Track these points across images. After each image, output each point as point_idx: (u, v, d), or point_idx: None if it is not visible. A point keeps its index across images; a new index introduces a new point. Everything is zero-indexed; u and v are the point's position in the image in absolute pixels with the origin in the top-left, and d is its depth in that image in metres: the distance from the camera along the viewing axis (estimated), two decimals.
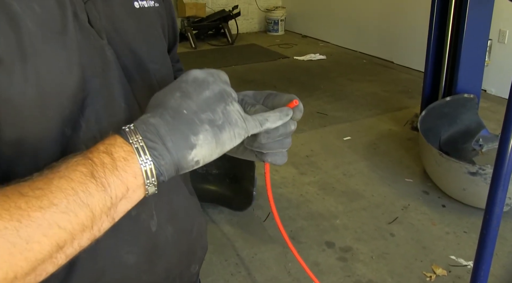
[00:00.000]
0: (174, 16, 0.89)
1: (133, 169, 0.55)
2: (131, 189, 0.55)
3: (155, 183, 0.56)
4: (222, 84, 0.60)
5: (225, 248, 2.66)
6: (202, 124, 0.57)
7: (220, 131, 0.58)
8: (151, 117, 0.57)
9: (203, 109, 0.58)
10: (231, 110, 0.60)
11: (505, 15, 4.48)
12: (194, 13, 7.56)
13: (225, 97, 0.60)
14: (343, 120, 4.42)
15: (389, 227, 2.82)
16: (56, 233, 0.50)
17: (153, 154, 0.55)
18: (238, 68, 6.22)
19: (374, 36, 6.61)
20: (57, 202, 0.50)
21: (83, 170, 0.52)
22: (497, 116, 4.30)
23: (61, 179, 0.51)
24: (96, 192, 0.52)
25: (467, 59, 3.53)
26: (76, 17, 0.63)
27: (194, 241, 0.85)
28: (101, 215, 0.53)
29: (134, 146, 0.55)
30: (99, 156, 0.54)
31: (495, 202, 1.35)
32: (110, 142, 0.56)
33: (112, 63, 0.68)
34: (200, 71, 0.60)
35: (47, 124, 0.61)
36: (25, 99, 0.58)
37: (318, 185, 3.29)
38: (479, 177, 2.69)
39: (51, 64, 0.60)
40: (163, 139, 0.55)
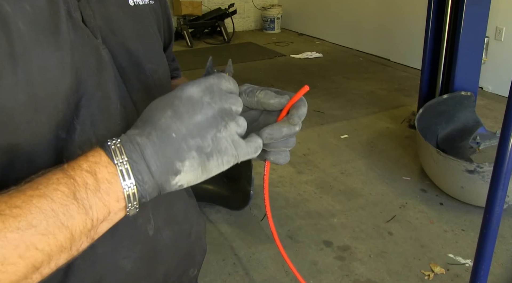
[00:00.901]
0: (169, 14, 0.87)
1: (116, 193, 0.53)
2: (112, 212, 0.54)
3: (136, 206, 0.54)
4: (220, 103, 0.57)
5: (222, 248, 2.65)
6: (189, 151, 0.55)
7: (207, 159, 0.56)
8: (138, 135, 0.55)
9: (193, 134, 0.55)
10: (222, 137, 0.56)
11: (501, 12, 4.48)
12: (190, 11, 7.54)
13: (218, 121, 0.56)
14: (340, 118, 4.41)
15: (387, 225, 2.81)
16: (33, 255, 0.48)
17: (137, 178, 0.53)
18: (234, 67, 6.09)
19: (370, 34, 6.60)
20: (36, 224, 0.48)
21: (65, 190, 0.50)
22: (494, 113, 4.30)
23: (41, 199, 0.49)
24: (77, 215, 0.50)
25: (464, 56, 3.52)
26: (69, 16, 0.62)
27: (193, 244, 0.84)
28: (81, 237, 0.52)
29: (119, 168, 0.53)
30: (82, 175, 0.52)
31: (495, 201, 1.34)
32: (94, 160, 0.53)
33: (107, 63, 0.66)
34: (197, 89, 0.57)
35: (41, 128, 0.59)
36: (16, 103, 0.56)
37: (316, 183, 3.28)
38: (477, 175, 2.69)
39: (43, 66, 0.58)
40: (148, 162, 0.53)
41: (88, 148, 0.63)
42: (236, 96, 0.59)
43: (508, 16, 4.57)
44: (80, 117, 0.62)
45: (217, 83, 0.58)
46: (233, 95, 0.59)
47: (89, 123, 0.63)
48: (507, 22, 4.66)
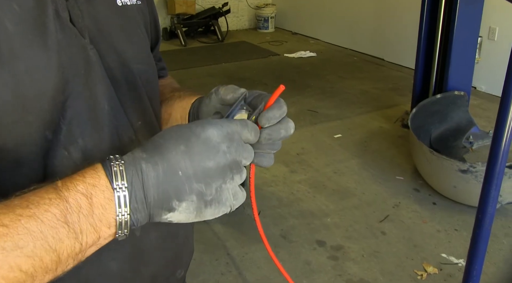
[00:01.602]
0: (155, 14, 0.87)
1: (108, 220, 0.52)
2: (102, 237, 0.53)
3: (126, 233, 0.54)
4: (235, 154, 0.56)
5: (215, 247, 2.64)
6: (190, 194, 0.54)
7: (205, 206, 0.55)
8: (145, 161, 0.53)
9: (199, 178, 0.54)
10: (226, 189, 0.56)
11: (495, 12, 4.49)
12: (184, 10, 7.52)
13: (227, 173, 0.55)
14: (334, 118, 4.41)
15: (380, 225, 2.81)
16: (16, 276, 0.47)
17: (133, 206, 0.52)
18: (228, 66, 6.19)
19: (364, 34, 6.61)
20: (23, 245, 0.47)
21: (56, 212, 0.49)
22: (487, 113, 4.31)
23: (30, 219, 0.48)
24: (66, 239, 0.49)
25: (458, 56, 3.53)
26: (57, 16, 0.61)
27: (180, 245, 0.83)
28: (68, 259, 0.51)
29: (116, 193, 0.51)
30: (76, 198, 0.50)
31: (488, 200, 1.34)
32: (92, 182, 0.52)
33: (95, 63, 0.65)
34: (217, 133, 0.55)
35: (28, 128, 0.58)
36: (3, 103, 0.55)
37: (309, 183, 3.28)
38: (470, 174, 2.69)
39: (31, 66, 0.57)
40: (146, 192, 0.52)
41: (74, 149, 0.62)
42: (250, 148, 0.59)
43: (501, 16, 4.59)
44: (67, 118, 0.61)
45: (239, 131, 0.57)
46: (249, 148, 0.59)
47: (75, 124, 0.62)
48: (500, 22, 4.67)
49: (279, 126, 0.63)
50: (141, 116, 0.73)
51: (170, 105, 0.86)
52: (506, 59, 1.26)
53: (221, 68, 6.12)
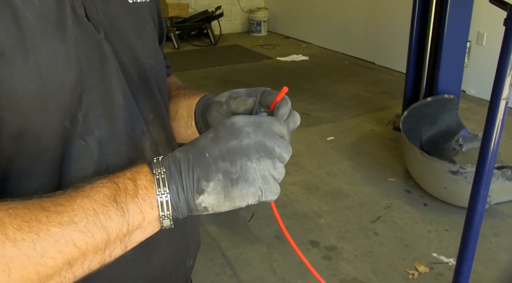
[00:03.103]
0: (160, 12, 0.90)
1: (151, 199, 0.57)
2: (146, 219, 0.57)
3: (169, 216, 0.57)
4: (261, 137, 0.59)
5: (210, 248, 2.67)
6: (216, 173, 0.57)
7: (231, 185, 0.57)
8: (178, 151, 0.59)
9: (224, 157, 0.57)
10: (251, 168, 0.57)
11: (483, 18, 4.57)
12: (177, 13, 7.55)
13: (252, 152, 0.58)
14: (327, 121, 4.46)
15: (372, 226, 2.86)
16: (71, 251, 0.51)
17: (171, 188, 0.57)
18: (221, 69, 6.23)
19: (356, 38, 6.68)
20: (77, 221, 0.51)
21: (107, 192, 0.54)
22: (476, 116, 4.38)
23: (84, 198, 0.53)
24: (115, 216, 0.54)
25: (447, 60, 3.60)
26: (74, 12, 0.63)
27: (188, 235, 0.86)
28: (116, 240, 0.55)
29: (156, 177, 0.57)
30: (124, 182, 0.56)
31: (477, 199, 1.39)
32: (137, 169, 0.58)
33: (110, 58, 0.68)
34: (243, 119, 0.59)
35: (48, 117, 0.61)
36: (27, 92, 0.58)
37: (302, 185, 3.32)
38: (459, 176, 2.75)
39: (51, 58, 0.60)
40: (181, 175, 0.57)
41: (91, 140, 0.66)
42: (286, 142, 0.61)
43: (489, 21, 4.66)
44: (84, 109, 0.64)
45: (269, 123, 0.60)
46: (282, 140, 0.61)
47: (92, 115, 0.65)
48: (488, 27, 4.75)
49: (288, 121, 0.68)
50: (152, 109, 0.76)
51: (176, 102, 0.90)
52: (494, 64, 1.31)
53: (214, 71, 6.16)
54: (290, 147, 0.61)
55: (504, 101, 1.27)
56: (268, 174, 0.59)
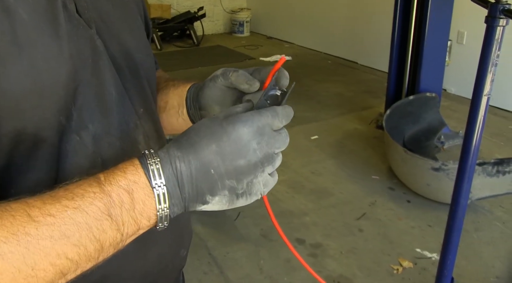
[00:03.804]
0: (146, 9, 0.91)
1: (148, 214, 0.56)
2: (141, 229, 0.57)
3: (166, 225, 0.58)
4: (266, 148, 0.59)
5: (197, 247, 2.68)
6: (222, 190, 0.57)
7: (237, 198, 0.58)
8: (179, 159, 0.56)
9: (230, 176, 0.57)
10: (257, 182, 0.59)
11: (463, 17, 4.64)
12: (159, 14, 7.53)
13: (258, 168, 0.58)
14: (310, 120, 4.49)
15: (357, 223, 2.89)
16: (63, 263, 0.51)
17: (171, 203, 0.56)
18: (204, 70, 6.22)
19: (338, 37, 6.73)
20: (70, 235, 0.50)
21: (100, 206, 0.53)
22: (457, 114, 4.45)
23: (76, 211, 0.51)
24: (109, 230, 0.53)
25: (429, 59, 3.65)
26: (65, 8, 0.64)
27: (182, 226, 0.88)
28: (109, 248, 0.55)
29: (156, 193, 0.55)
30: (119, 193, 0.54)
31: (460, 195, 1.43)
32: (133, 178, 0.55)
33: (102, 53, 0.68)
34: (248, 130, 0.57)
35: (45, 114, 0.61)
36: (22, 89, 0.58)
37: (288, 183, 3.35)
38: (442, 172, 2.80)
39: (45, 54, 0.60)
40: (181, 188, 0.56)
41: (86, 135, 0.66)
42: (285, 135, 0.61)
43: (469, 21, 4.74)
44: (77, 104, 0.65)
45: (270, 123, 0.59)
46: (281, 136, 0.61)
47: (85, 110, 0.66)
48: (468, 26, 4.83)
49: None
50: (143, 103, 0.77)
51: (165, 93, 0.91)
52: (474, 62, 1.34)
53: (197, 72, 6.16)
54: (286, 138, 0.61)
55: (486, 97, 1.30)
56: (268, 177, 0.60)
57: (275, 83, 0.70)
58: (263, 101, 0.66)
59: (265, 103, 0.66)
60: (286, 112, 0.62)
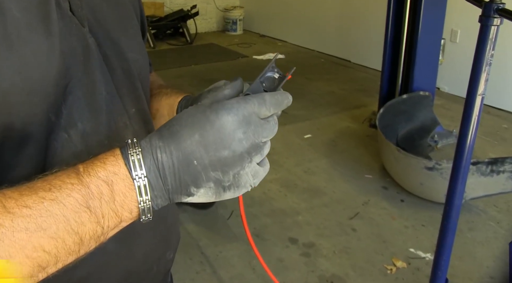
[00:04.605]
0: (142, 9, 0.91)
1: (130, 206, 0.54)
2: (124, 221, 0.55)
3: (150, 217, 0.55)
4: (252, 138, 0.55)
5: (189, 247, 2.66)
6: (207, 181, 0.54)
7: (223, 190, 0.56)
8: (160, 149, 0.54)
9: (215, 167, 0.54)
10: (245, 174, 0.56)
11: (456, 15, 4.65)
12: (152, 12, 7.51)
13: (245, 159, 0.55)
14: (303, 119, 4.48)
15: (350, 222, 2.88)
16: (40, 256, 0.49)
17: (153, 194, 0.54)
18: (197, 68, 6.21)
19: (331, 36, 6.72)
20: (46, 227, 0.48)
21: (78, 197, 0.51)
22: (450, 113, 4.45)
23: (52, 203, 0.50)
24: (88, 222, 0.51)
25: (422, 58, 3.65)
26: (58, 5, 0.64)
27: (169, 228, 0.87)
28: (90, 241, 0.53)
29: (136, 183, 0.53)
30: (97, 184, 0.52)
31: (454, 194, 1.41)
32: (113, 169, 0.53)
33: (94, 51, 0.68)
34: (232, 119, 0.54)
35: (33, 110, 0.60)
36: (12, 85, 0.57)
37: (280, 182, 3.33)
38: (435, 171, 2.79)
39: (36, 51, 0.60)
40: (164, 180, 0.54)
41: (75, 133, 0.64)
42: (273, 123, 0.58)
43: (462, 19, 4.74)
44: (68, 102, 0.64)
45: (257, 111, 0.56)
46: (269, 124, 0.58)
47: (75, 108, 0.65)
48: (461, 25, 4.84)
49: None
50: (135, 104, 0.76)
51: (157, 100, 0.90)
52: (468, 61, 1.33)
53: (190, 70, 6.13)
54: (275, 127, 0.58)
55: (480, 96, 1.28)
56: (257, 167, 0.58)
57: (274, 66, 0.66)
58: (258, 83, 0.63)
59: (259, 86, 0.63)
60: (276, 99, 0.59)
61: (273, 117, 0.59)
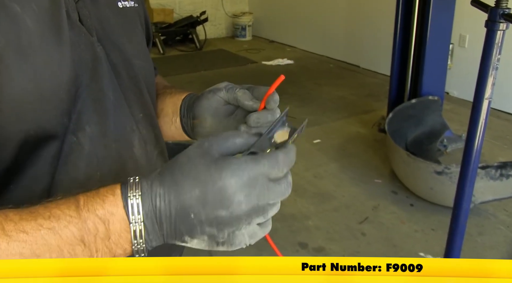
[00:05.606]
0: (147, 17, 0.94)
1: (124, 246, 0.55)
2: (117, 257, 0.56)
3: (144, 255, 0.56)
4: (255, 201, 0.54)
5: (199, 251, 2.67)
6: (202, 234, 0.55)
7: (217, 245, 0.56)
8: (160, 198, 0.54)
9: (211, 224, 0.54)
10: (240, 234, 0.55)
11: (465, 20, 4.64)
12: (162, 19, 7.55)
13: (242, 221, 0.54)
14: (312, 124, 4.48)
15: (360, 226, 2.89)
16: None
17: (148, 239, 0.55)
18: (206, 74, 6.23)
19: (340, 41, 6.73)
20: (40, 254, 0.50)
21: (74, 230, 0.52)
22: (459, 117, 4.44)
23: (49, 232, 0.51)
24: (81, 255, 0.53)
25: (431, 62, 3.65)
26: (68, 16, 0.67)
27: None
28: None
29: (133, 228, 0.54)
30: (95, 221, 0.53)
31: (462, 197, 1.43)
32: (111, 210, 0.54)
33: (101, 58, 0.71)
34: (235, 181, 0.53)
35: (47, 115, 0.64)
36: (26, 93, 0.61)
37: None
38: (445, 176, 2.79)
39: (48, 60, 0.63)
40: (160, 226, 0.55)
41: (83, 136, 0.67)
42: (285, 186, 0.57)
43: (471, 24, 4.73)
44: (77, 107, 0.67)
45: (266, 173, 0.54)
46: (279, 187, 0.56)
47: (84, 113, 0.68)
48: (470, 30, 4.83)
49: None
50: (141, 108, 0.79)
51: (162, 100, 0.93)
52: (476, 65, 1.34)
53: (199, 76, 6.16)
54: (287, 190, 0.57)
55: (487, 100, 1.30)
56: (256, 229, 0.57)
57: (285, 120, 0.63)
58: (266, 139, 0.59)
59: (267, 142, 0.59)
60: (289, 157, 0.56)
61: (286, 178, 0.57)
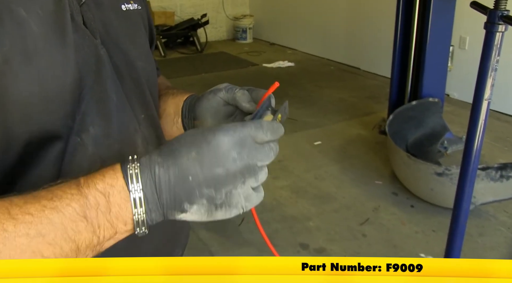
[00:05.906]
0: (151, 19, 0.96)
1: (124, 218, 0.56)
2: (119, 232, 0.57)
3: (145, 230, 0.58)
4: (246, 159, 0.58)
5: (201, 252, 2.69)
6: (200, 198, 0.57)
7: (215, 209, 0.58)
8: (158, 165, 0.57)
9: (209, 184, 0.56)
10: (237, 194, 0.58)
11: (465, 22, 4.65)
12: (163, 21, 7.56)
13: (237, 179, 0.57)
14: (313, 126, 4.50)
15: (360, 227, 2.90)
16: None
17: (148, 208, 0.56)
18: (207, 76, 6.25)
19: (341, 43, 6.74)
20: (45, 233, 0.52)
21: (76, 207, 0.54)
22: (460, 119, 4.45)
23: (53, 211, 0.53)
24: (84, 231, 0.54)
25: (431, 64, 3.66)
26: (72, 19, 0.68)
27: (177, 225, 0.90)
28: (86, 250, 0.55)
29: (132, 196, 0.56)
30: (95, 195, 0.55)
31: (462, 198, 1.44)
32: (111, 182, 0.56)
33: (105, 61, 0.73)
34: (228, 139, 0.57)
35: (51, 117, 0.65)
36: (31, 95, 0.62)
37: (291, 188, 3.36)
38: (445, 177, 2.80)
39: (53, 62, 0.64)
40: (159, 194, 0.56)
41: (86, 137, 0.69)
42: (269, 149, 0.60)
43: (471, 26, 4.75)
44: (81, 108, 0.68)
45: (253, 135, 0.59)
46: (264, 149, 0.60)
47: (87, 114, 0.69)
48: (470, 32, 4.84)
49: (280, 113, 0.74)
50: (144, 110, 0.81)
51: (164, 100, 0.95)
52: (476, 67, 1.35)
53: (200, 78, 6.18)
54: (271, 152, 0.60)
55: (486, 101, 1.31)
56: (250, 191, 0.60)
57: (269, 104, 0.72)
58: (258, 117, 0.69)
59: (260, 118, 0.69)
60: (273, 126, 0.61)
61: (269, 144, 0.61)
